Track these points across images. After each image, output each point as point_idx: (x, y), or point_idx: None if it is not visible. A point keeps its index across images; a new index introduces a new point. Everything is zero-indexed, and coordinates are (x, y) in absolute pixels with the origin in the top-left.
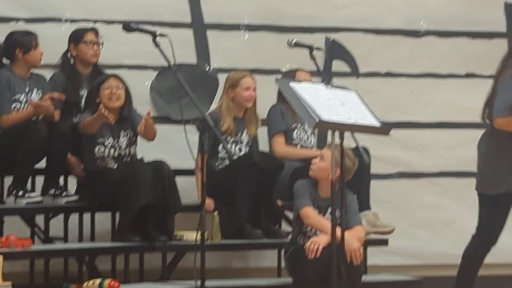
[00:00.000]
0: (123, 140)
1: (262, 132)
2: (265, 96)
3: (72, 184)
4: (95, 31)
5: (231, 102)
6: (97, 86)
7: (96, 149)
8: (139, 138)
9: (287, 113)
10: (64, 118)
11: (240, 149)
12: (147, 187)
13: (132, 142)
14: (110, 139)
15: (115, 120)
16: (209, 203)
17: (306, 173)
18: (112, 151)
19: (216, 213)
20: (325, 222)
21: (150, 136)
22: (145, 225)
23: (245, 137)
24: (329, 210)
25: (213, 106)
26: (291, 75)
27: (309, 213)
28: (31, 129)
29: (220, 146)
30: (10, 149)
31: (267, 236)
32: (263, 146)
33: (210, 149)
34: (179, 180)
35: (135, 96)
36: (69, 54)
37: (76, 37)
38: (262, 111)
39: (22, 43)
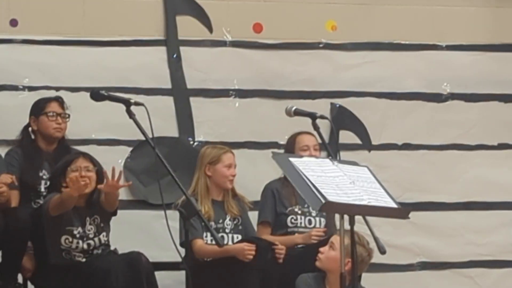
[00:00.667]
0: (90, 228)
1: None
2: (260, 173)
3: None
4: (59, 100)
5: (209, 181)
6: (63, 167)
7: (63, 239)
8: (111, 225)
9: (281, 192)
10: (21, 204)
11: (222, 238)
12: (121, 285)
13: (101, 230)
14: (80, 229)
15: (82, 205)
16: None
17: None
18: (81, 242)
19: None
20: None
21: (111, 203)
22: None
23: (228, 223)
24: None
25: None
26: (291, 141)
27: None
28: None
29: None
30: None
31: None
32: None
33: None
34: (162, 275)
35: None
36: (30, 129)
37: (37, 109)
38: (256, 192)
39: None
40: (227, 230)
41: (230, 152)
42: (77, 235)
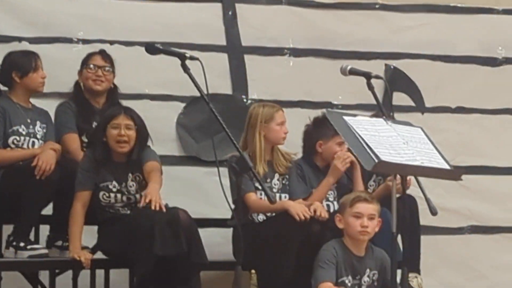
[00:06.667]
0: (132, 185)
1: None
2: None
3: (84, 234)
4: (103, 54)
5: (263, 140)
6: (105, 122)
7: (101, 195)
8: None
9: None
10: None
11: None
12: (165, 237)
13: (143, 186)
14: (115, 183)
15: (123, 162)
16: None
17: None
18: (119, 196)
19: (253, 271)
20: None
21: None
22: (168, 285)
23: (276, 183)
24: (367, 272)
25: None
26: None
27: None
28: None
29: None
30: (12, 191)
31: None
32: None
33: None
34: (211, 232)
35: (158, 132)
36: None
37: (82, 62)
38: None
39: (19, 65)
40: (274, 190)
41: (281, 109)
42: (113, 189)
